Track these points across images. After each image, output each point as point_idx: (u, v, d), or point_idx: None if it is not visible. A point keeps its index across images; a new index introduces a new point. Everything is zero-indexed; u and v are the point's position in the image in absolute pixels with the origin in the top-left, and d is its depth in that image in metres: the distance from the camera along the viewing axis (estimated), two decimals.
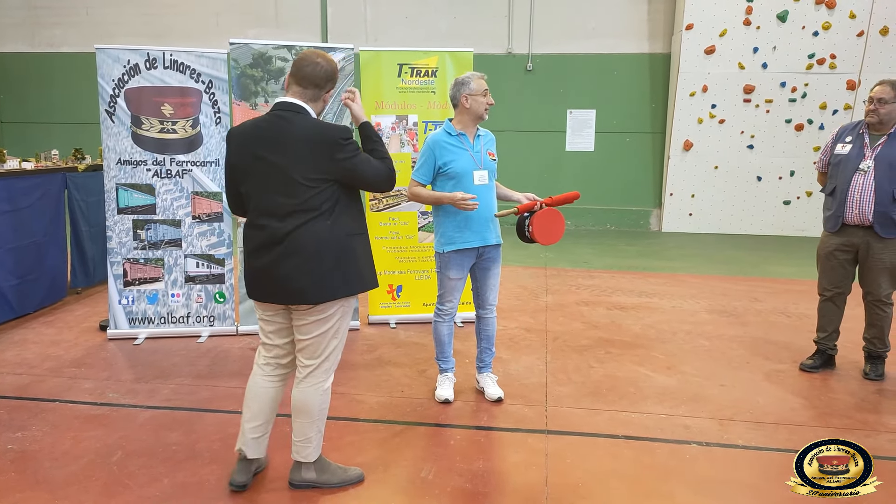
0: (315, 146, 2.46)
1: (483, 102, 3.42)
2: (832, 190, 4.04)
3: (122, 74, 4.48)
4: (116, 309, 4.67)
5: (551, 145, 10.75)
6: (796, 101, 9.76)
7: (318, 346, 2.61)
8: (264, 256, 2.50)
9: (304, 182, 2.45)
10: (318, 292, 2.50)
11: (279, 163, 2.45)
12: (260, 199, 2.51)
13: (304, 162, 2.45)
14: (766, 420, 3.48)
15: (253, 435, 2.70)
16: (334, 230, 2.52)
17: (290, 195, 2.46)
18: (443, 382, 3.71)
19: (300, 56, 2.58)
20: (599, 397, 3.75)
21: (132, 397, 3.68)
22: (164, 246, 4.67)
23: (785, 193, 10.08)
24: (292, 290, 2.49)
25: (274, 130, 2.48)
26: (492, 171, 3.53)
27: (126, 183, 4.59)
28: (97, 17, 11.14)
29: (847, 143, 4.00)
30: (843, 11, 9.41)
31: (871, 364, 4.13)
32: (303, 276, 2.47)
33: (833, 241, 4.05)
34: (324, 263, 2.50)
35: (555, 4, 10.45)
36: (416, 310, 5.16)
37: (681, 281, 6.82)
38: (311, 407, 2.65)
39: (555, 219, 3.43)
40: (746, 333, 5.01)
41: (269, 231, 2.48)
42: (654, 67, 10.46)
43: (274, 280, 2.50)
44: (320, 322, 2.57)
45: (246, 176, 2.53)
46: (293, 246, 2.47)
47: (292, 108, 2.51)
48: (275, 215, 2.48)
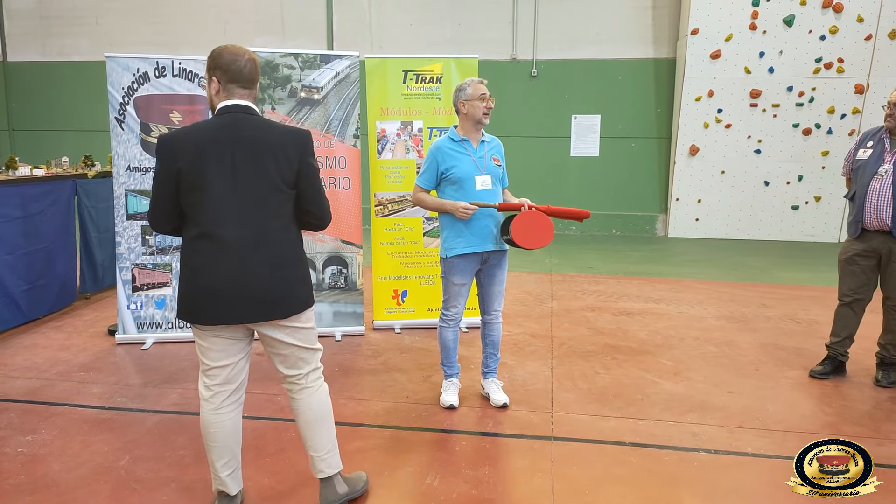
0: (288, 149, 2.34)
1: (480, 107, 3.44)
2: (853, 195, 4.01)
3: (132, 82, 4.52)
4: (125, 314, 4.70)
5: (556, 151, 10.75)
6: (803, 105, 9.73)
7: (307, 351, 2.49)
8: (229, 271, 2.26)
9: (280, 187, 2.33)
10: (294, 303, 2.39)
11: (253, 169, 2.29)
12: (224, 207, 2.27)
13: (280, 166, 2.32)
14: (775, 428, 3.46)
15: (226, 472, 2.50)
16: (298, 242, 2.46)
17: (264, 202, 2.31)
18: (448, 388, 3.71)
19: (227, 52, 2.34)
20: (606, 404, 3.74)
21: (140, 402, 3.70)
22: (173, 251, 4.70)
23: (793, 198, 10.03)
24: (269, 305, 2.31)
25: (242, 134, 2.29)
26: (496, 176, 3.53)
27: (135, 189, 4.62)
28: (107, 26, 11.25)
29: (868, 148, 3.98)
30: (850, 15, 9.39)
31: (883, 371, 4.10)
32: (282, 289, 2.34)
33: (854, 246, 4.02)
34: (301, 270, 2.43)
35: (559, 11, 10.47)
36: (421, 315, 5.17)
37: (688, 287, 6.80)
38: (328, 409, 2.55)
39: (539, 222, 3.35)
40: (755, 340, 4.98)
41: (241, 242, 2.27)
42: (660, 72, 10.46)
43: (242, 296, 2.27)
44: (295, 329, 2.44)
45: (203, 184, 2.25)
46: (276, 255, 2.32)
47: (247, 110, 2.35)
48: (246, 225, 2.28)
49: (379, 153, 4.97)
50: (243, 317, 2.31)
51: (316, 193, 2.43)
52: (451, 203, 3.39)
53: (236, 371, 2.45)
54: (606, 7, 10.37)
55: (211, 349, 2.39)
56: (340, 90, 4.74)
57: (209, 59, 2.36)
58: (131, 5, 11.11)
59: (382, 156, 4.98)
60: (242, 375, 2.48)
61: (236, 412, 2.49)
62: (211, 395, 2.43)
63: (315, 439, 2.52)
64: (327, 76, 4.68)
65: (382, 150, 4.98)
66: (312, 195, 2.42)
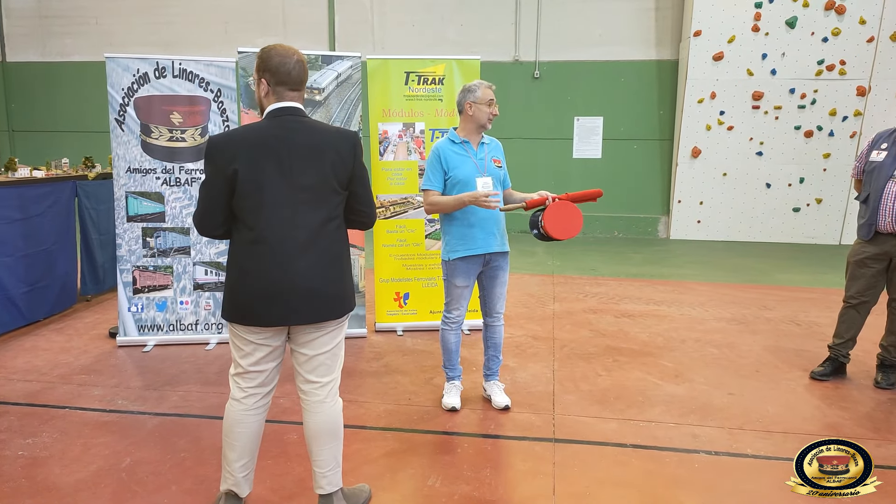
0: (343, 150, 2.35)
1: (487, 112, 3.43)
2: (866, 198, 3.98)
3: (132, 83, 4.52)
4: (126, 316, 4.70)
5: (558, 152, 10.75)
6: (805, 107, 9.73)
7: (335, 358, 2.46)
8: (287, 272, 2.26)
9: (337, 188, 2.35)
10: (347, 303, 2.41)
11: (311, 171, 2.29)
12: (283, 210, 2.26)
13: (336, 168, 2.33)
14: (775, 429, 3.46)
15: (242, 473, 2.50)
16: (347, 241, 2.47)
17: (322, 204, 2.32)
18: (450, 390, 3.71)
19: (276, 54, 2.34)
20: (607, 405, 3.74)
21: (141, 404, 3.70)
22: (173, 254, 4.70)
23: (794, 201, 10.02)
24: (329, 303, 2.32)
25: (296, 137, 2.30)
26: (497, 178, 3.52)
27: (135, 191, 4.62)
28: (107, 26, 11.26)
29: (882, 150, 3.94)
30: (852, 17, 9.38)
31: (883, 373, 4.09)
32: (339, 287, 2.35)
33: (866, 249, 4.00)
34: (347, 274, 2.43)
35: (561, 12, 10.47)
36: (423, 317, 5.16)
37: (689, 288, 6.79)
38: (339, 426, 2.48)
39: (569, 211, 3.33)
40: (756, 342, 4.97)
41: (297, 244, 2.27)
42: (662, 74, 10.45)
43: (301, 296, 2.27)
44: (337, 331, 2.44)
45: (260, 187, 2.25)
46: (326, 257, 2.32)
47: (297, 112, 2.36)
48: (302, 227, 2.28)
49: (381, 155, 4.97)
50: (298, 317, 2.30)
51: (367, 193, 2.48)
52: (469, 194, 3.29)
53: (272, 375, 2.47)
54: (609, 9, 10.37)
55: (253, 354, 2.38)
56: (342, 91, 4.74)
57: (258, 60, 2.36)
58: (132, 5, 11.11)
59: (384, 157, 4.98)
60: (276, 379, 2.50)
61: (263, 415, 2.51)
62: (244, 396, 2.44)
63: (321, 455, 2.47)
64: (329, 77, 4.68)
65: (384, 152, 4.97)
66: (364, 195, 2.46)
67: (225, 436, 2.48)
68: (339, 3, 10.85)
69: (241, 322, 2.32)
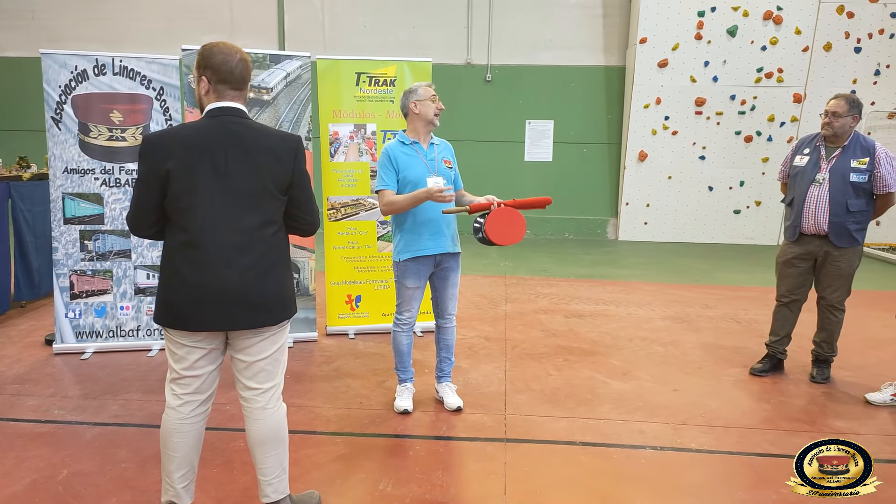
0: (282, 154, 2.28)
1: (432, 107, 3.45)
2: (791, 201, 4.15)
3: (70, 80, 4.35)
4: (63, 322, 4.51)
5: (510, 155, 10.85)
6: (745, 113, 10.08)
7: (276, 363, 2.39)
8: (220, 277, 2.18)
9: (275, 193, 2.27)
10: (286, 309, 2.34)
11: (247, 173, 2.21)
12: (216, 212, 2.19)
13: (275, 172, 2.26)
14: (717, 424, 3.56)
15: (182, 484, 2.39)
16: (287, 246, 2.41)
17: (257, 207, 2.24)
18: (402, 393, 3.69)
19: (218, 51, 2.25)
20: (557, 404, 3.78)
21: (79, 414, 3.55)
22: (113, 257, 4.54)
23: (735, 203, 10.37)
24: (263, 309, 2.25)
25: (234, 138, 2.22)
26: (448, 178, 3.52)
27: (73, 192, 4.45)
28: (44, 20, 10.82)
29: (805, 155, 4.11)
30: (789, 27, 9.78)
31: (817, 367, 4.26)
32: (275, 293, 2.28)
33: (792, 249, 4.16)
34: (289, 276, 2.39)
35: (513, 16, 10.58)
36: (375, 320, 5.12)
37: (636, 288, 6.95)
38: (283, 432, 2.42)
39: (512, 217, 3.31)
40: (699, 339, 5.12)
41: (231, 248, 2.19)
42: (610, 80, 10.67)
43: (233, 302, 2.19)
44: (277, 336, 2.36)
45: (192, 188, 2.17)
46: (262, 263, 2.24)
47: (238, 112, 2.27)
48: (236, 230, 2.20)
49: (331, 156, 4.92)
50: (232, 323, 2.23)
51: (309, 200, 2.39)
52: (424, 190, 3.29)
53: (209, 381, 2.37)
54: (559, 14, 10.54)
55: (186, 357, 2.29)
56: (291, 91, 4.67)
57: (199, 57, 2.27)
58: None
59: (335, 159, 4.92)
60: (214, 386, 2.40)
61: (202, 423, 2.41)
62: (180, 405, 2.34)
63: (266, 462, 2.40)
64: (277, 77, 4.60)
65: (335, 153, 4.92)
66: (305, 202, 2.38)
67: (163, 446, 2.38)
68: (288, 2, 10.70)
69: (172, 326, 2.24)
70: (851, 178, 3.89)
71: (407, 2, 10.62)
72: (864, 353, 4.78)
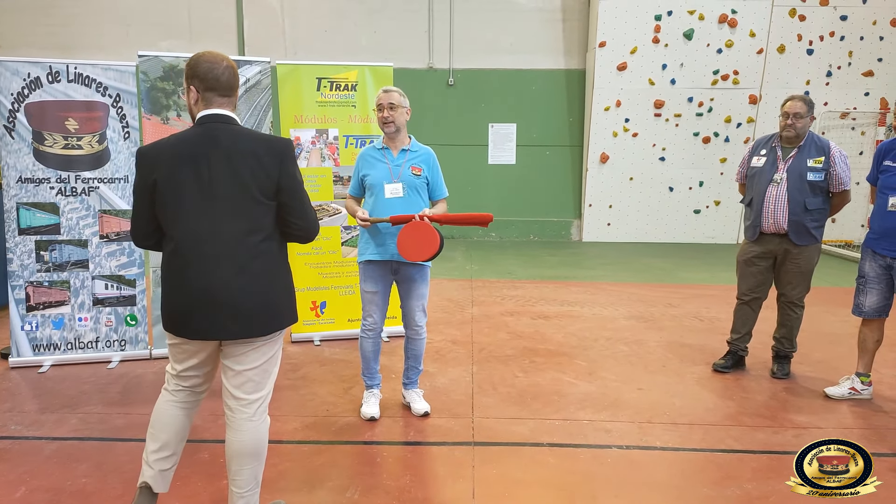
0: (265, 158, 2.25)
1: (379, 117, 3.47)
2: (750, 201, 4.25)
3: (22, 88, 4.23)
4: (19, 335, 4.38)
5: (474, 158, 10.90)
6: (703, 115, 10.31)
7: (265, 374, 2.37)
8: (203, 285, 2.19)
9: (259, 198, 2.24)
10: (276, 320, 2.31)
11: (230, 180, 2.21)
12: (199, 220, 2.20)
13: (257, 176, 2.23)
14: (681, 421, 3.63)
15: (162, 467, 2.41)
16: (281, 254, 2.37)
17: (242, 214, 2.22)
18: (368, 399, 3.67)
19: (204, 60, 2.29)
20: (524, 406, 3.81)
21: (37, 429, 3.45)
22: (70, 267, 4.42)
23: (695, 203, 10.59)
24: (251, 318, 2.23)
25: (219, 145, 2.22)
26: (412, 186, 3.47)
27: (28, 202, 4.33)
28: None
29: (762, 155, 4.21)
30: (743, 30, 10.03)
31: (778, 364, 4.37)
32: (264, 302, 2.26)
33: (753, 248, 4.26)
34: (284, 285, 2.36)
35: (474, 20, 10.64)
36: (341, 326, 5.09)
37: (601, 289, 7.04)
38: (263, 447, 2.40)
39: (424, 234, 3.22)
40: (662, 338, 5.21)
41: (219, 257, 2.19)
42: (571, 83, 10.81)
43: (218, 311, 2.19)
44: (267, 347, 2.34)
45: (177, 197, 2.20)
46: (256, 270, 2.23)
47: (225, 119, 2.29)
48: (221, 238, 2.20)
49: None
50: (218, 332, 2.24)
51: (300, 204, 2.34)
52: (352, 210, 3.50)
53: (206, 378, 2.47)
54: (519, 18, 10.62)
55: (184, 361, 2.39)
56: (251, 97, 4.62)
57: (187, 68, 2.31)
58: (23, 4, 10.40)
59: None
60: (210, 381, 2.50)
61: (192, 409, 2.49)
62: (175, 389, 2.46)
63: (241, 475, 2.36)
64: None
65: (297, 159, 4.87)
66: (295, 207, 2.32)
67: (150, 426, 2.45)
68: (248, 6, 10.58)
69: (169, 331, 2.33)
70: (808, 176, 4.00)
71: (368, 7, 10.59)
72: (822, 349, 4.93)
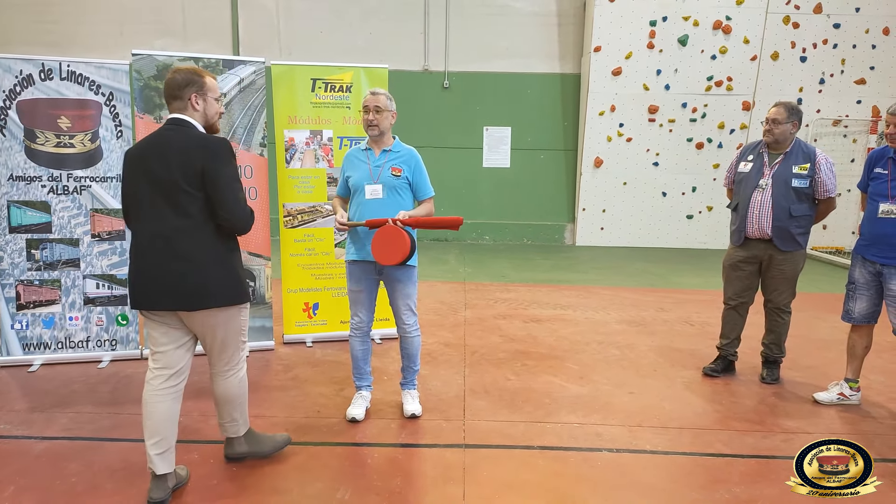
0: (193, 152, 2.62)
1: (364, 119, 3.48)
2: (736, 206, 4.28)
3: (14, 85, 4.21)
4: (9, 334, 4.36)
5: (468, 162, 10.91)
6: (697, 120, 10.36)
7: (224, 346, 2.82)
8: (144, 264, 2.64)
9: (186, 189, 2.59)
10: (220, 296, 2.69)
11: (163, 172, 2.60)
12: (148, 206, 2.64)
13: (184, 166, 2.59)
14: (671, 425, 3.64)
15: (155, 451, 2.68)
16: (214, 238, 2.68)
17: (172, 202, 2.60)
18: (356, 401, 3.67)
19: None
20: (516, 409, 3.81)
21: (27, 428, 3.43)
22: (61, 266, 4.40)
23: (688, 208, 10.64)
24: (192, 293, 2.63)
25: (161, 141, 2.66)
26: (391, 187, 3.46)
27: (19, 200, 4.31)
28: None
29: (749, 161, 4.24)
30: (737, 37, 10.09)
31: (767, 369, 4.39)
32: (202, 280, 2.64)
33: (738, 253, 4.29)
34: (215, 268, 2.67)
35: (470, 24, 10.66)
36: (333, 328, 5.08)
37: (593, 293, 7.06)
38: (232, 396, 2.92)
39: (392, 238, 3.25)
40: (654, 342, 5.23)
41: (155, 238, 2.62)
42: (566, 87, 10.84)
43: (154, 287, 2.63)
44: (221, 324, 2.75)
45: (132, 188, 2.68)
46: (185, 251, 2.61)
47: (175, 121, 2.72)
48: (160, 222, 2.61)
49: (287, 162, 4.87)
50: (159, 305, 2.64)
51: (224, 198, 2.64)
52: (334, 212, 3.52)
53: (175, 358, 2.75)
54: (515, 22, 10.66)
55: (151, 333, 2.73)
56: (245, 97, 4.62)
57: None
58: (17, 1, 10.36)
59: (291, 165, 4.88)
60: (181, 364, 2.77)
61: (171, 400, 2.74)
62: (151, 378, 2.74)
63: (220, 412, 2.97)
64: (231, 82, 4.55)
65: (291, 160, 4.88)
66: (220, 199, 2.63)
67: (142, 416, 2.74)
68: (242, 6, 10.57)
69: (132, 307, 2.77)
70: (793, 183, 4.03)
71: (364, 8, 10.60)
72: (812, 354, 4.96)
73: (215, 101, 2.80)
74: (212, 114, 2.79)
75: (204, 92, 2.74)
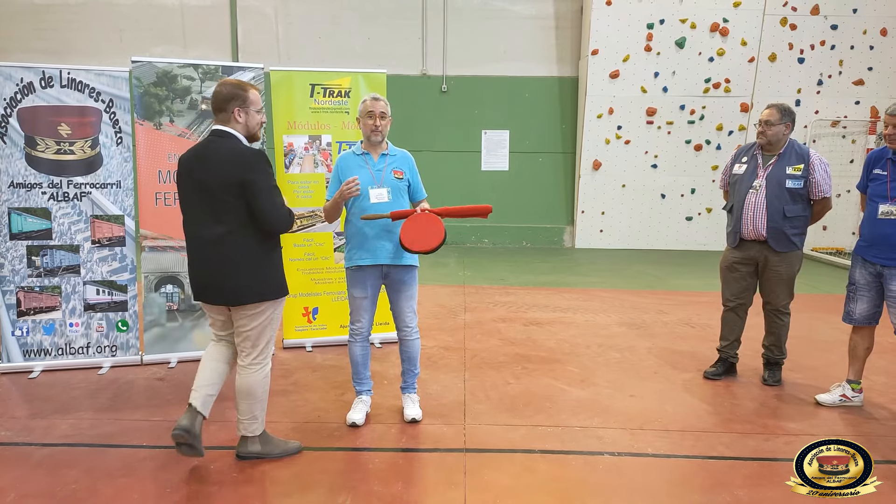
0: (231, 165, 2.84)
1: (368, 125, 3.45)
2: (731, 207, 4.29)
3: (15, 93, 4.22)
4: (9, 341, 4.36)
5: (467, 165, 10.93)
6: (695, 122, 10.38)
7: (257, 339, 3.02)
8: (198, 263, 2.98)
9: (224, 198, 2.84)
10: (252, 294, 2.94)
11: (204, 180, 2.86)
12: (190, 214, 2.96)
13: (223, 179, 2.83)
14: (673, 428, 3.64)
15: (200, 391, 3.01)
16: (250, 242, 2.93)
17: (212, 209, 2.87)
18: (356, 405, 3.67)
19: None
20: (516, 413, 3.81)
21: (27, 434, 3.43)
22: (62, 273, 4.41)
23: (687, 210, 10.65)
24: (218, 292, 2.95)
25: (204, 152, 2.92)
26: (396, 189, 3.50)
27: (19, 207, 4.31)
28: None
29: (743, 163, 4.26)
30: (735, 39, 10.12)
31: (769, 370, 4.39)
32: (225, 280, 2.91)
33: (733, 255, 4.30)
34: (250, 268, 2.92)
35: (467, 28, 10.69)
36: (333, 332, 5.09)
37: (593, 295, 7.06)
38: (255, 390, 3.06)
39: (427, 225, 3.29)
40: (654, 345, 5.23)
41: (200, 242, 2.93)
42: (564, 90, 10.86)
43: (200, 283, 3.00)
44: (253, 317, 2.98)
45: (182, 195, 2.98)
46: (226, 254, 2.89)
47: (218, 133, 2.95)
48: (203, 226, 2.90)
49: (286, 167, 4.88)
50: (208, 299, 3.02)
51: (264, 203, 2.89)
52: (339, 191, 3.33)
53: (229, 336, 3.14)
54: (512, 26, 10.68)
55: (211, 315, 3.15)
56: None
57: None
58: (16, 9, 10.38)
59: (290, 170, 4.89)
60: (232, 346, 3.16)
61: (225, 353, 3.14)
62: (216, 340, 3.18)
63: (239, 405, 3.09)
64: None
65: (290, 165, 4.89)
66: (258, 207, 2.89)
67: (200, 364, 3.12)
68: (241, 13, 10.60)
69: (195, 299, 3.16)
70: (787, 184, 4.04)
71: (362, 13, 10.63)
72: (813, 356, 4.95)
73: (257, 113, 3.02)
74: (253, 125, 3.01)
75: (247, 105, 2.96)
